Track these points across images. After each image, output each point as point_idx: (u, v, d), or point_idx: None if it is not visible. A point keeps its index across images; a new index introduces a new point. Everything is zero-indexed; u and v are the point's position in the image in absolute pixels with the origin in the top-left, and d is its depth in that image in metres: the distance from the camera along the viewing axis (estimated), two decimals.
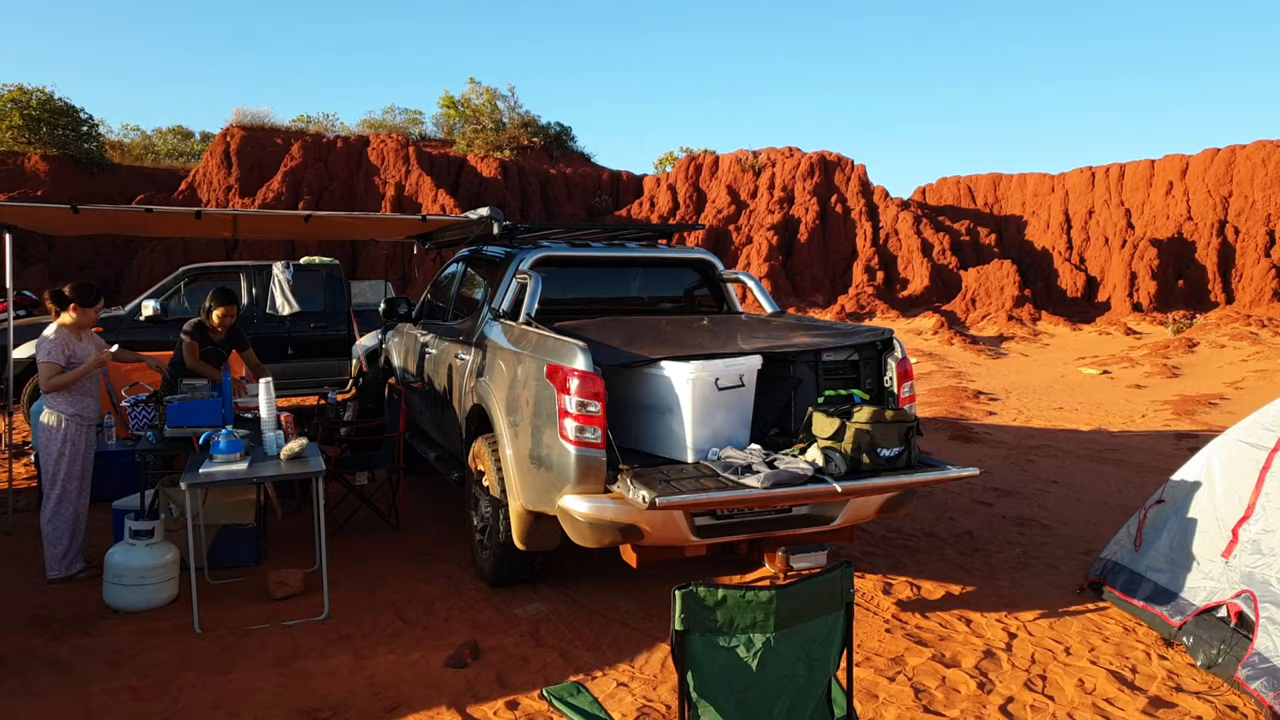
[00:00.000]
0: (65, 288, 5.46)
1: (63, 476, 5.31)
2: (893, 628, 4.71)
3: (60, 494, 5.31)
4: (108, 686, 4.01)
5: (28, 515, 6.62)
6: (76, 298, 5.41)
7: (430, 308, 7.47)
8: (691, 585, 2.34)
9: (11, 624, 4.68)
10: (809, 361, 5.18)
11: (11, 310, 8.14)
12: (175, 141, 36.25)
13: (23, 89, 27.31)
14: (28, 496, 7.04)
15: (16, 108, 26.84)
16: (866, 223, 29.77)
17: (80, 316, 5.43)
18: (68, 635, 4.57)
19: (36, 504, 6.80)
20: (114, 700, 3.89)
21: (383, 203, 27.18)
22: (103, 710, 3.80)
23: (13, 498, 6.85)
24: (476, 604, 5.02)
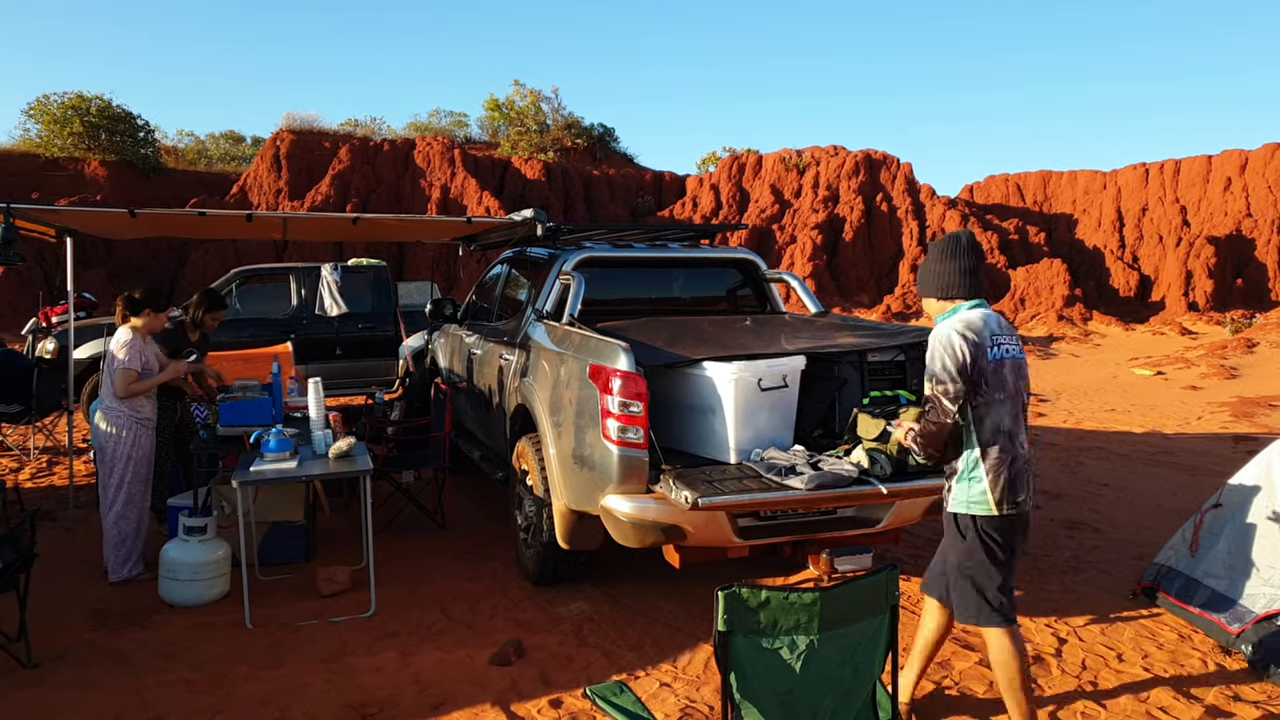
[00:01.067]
0: (137, 292, 5.56)
1: (129, 479, 5.42)
2: None
3: (127, 497, 5.42)
4: (163, 679, 4.11)
5: (87, 512, 6.81)
6: (149, 303, 5.53)
7: (475, 309, 7.54)
8: (734, 586, 2.34)
9: (72, 617, 4.82)
10: (854, 362, 5.13)
11: (72, 312, 8.38)
12: (227, 146, 37.05)
13: (82, 96, 28.08)
14: (87, 493, 7.23)
15: (77, 115, 27.62)
16: (913, 221, 29.42)
17: (151, 321, 5.56)
18: (125, 628, 4.69)
19: (95, 502, 7.00)
20: (169, 692, 3.99)
21: (428, 205, 27.49)
22: (158, 702, 3.90)
23: (73, 495, 7.04)
24: (521, 602, 5.06)
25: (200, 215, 6.67)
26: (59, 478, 7.90)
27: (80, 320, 9.59)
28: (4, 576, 4.14)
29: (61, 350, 9.09)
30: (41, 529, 6.07)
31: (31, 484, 7.72)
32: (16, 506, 6.47)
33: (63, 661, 4.28)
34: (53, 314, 10.68)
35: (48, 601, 4.91)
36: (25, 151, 27.60)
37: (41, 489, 7.55)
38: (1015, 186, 34.10)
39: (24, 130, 28.65)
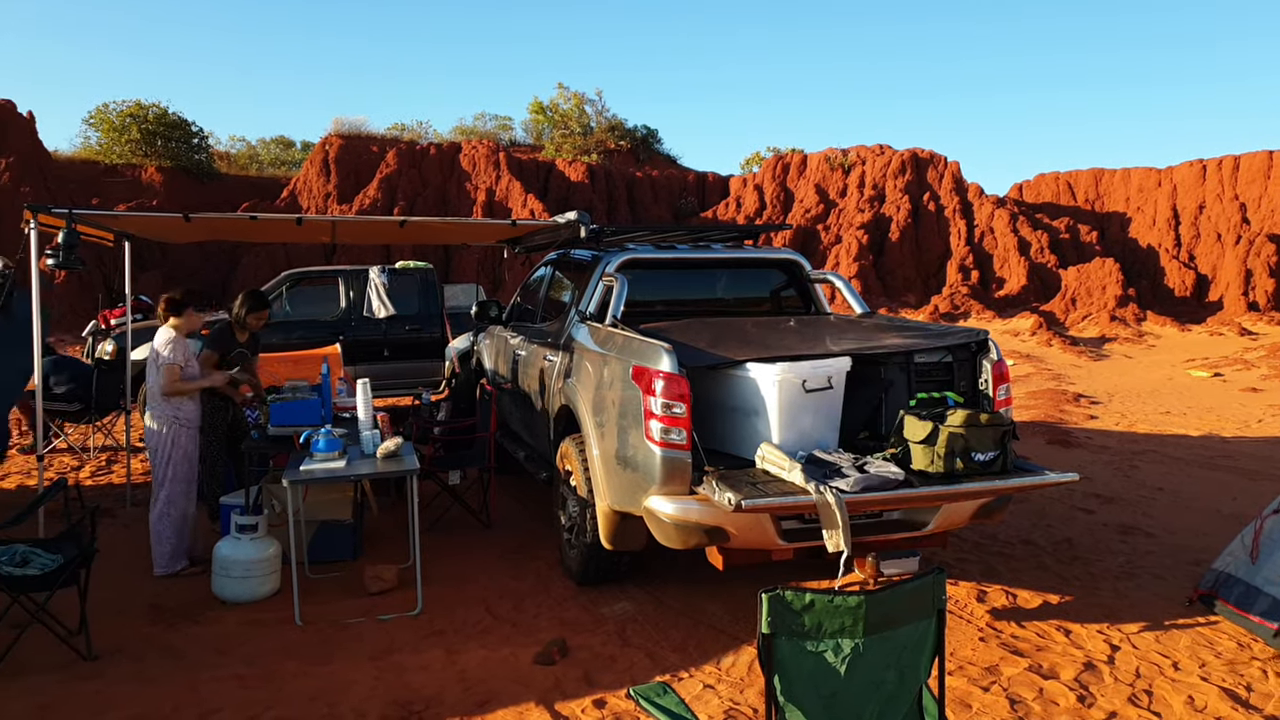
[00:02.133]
0: (177, 293, 5.76)
1: (170, 478, 5.58)
2: (987, 636, 4.58)
3: (168, 495, 5.58)
4: (216, 674, 4.20)
5: (143, 509, 6.97)
6: (189, 303, 5.71)
7: (519, 310, 7.60)
8: (778, 589, 2.32)
9: (130, 611, 4.95)
10: (900, 363, 5.08)
11: (130, 314, 8.60)
12: (277, 151, 37.76)
13: (140, 104, 28.82)
14: (143, 491, 7.41)
15: (135, 122, 28.35)
16: (960, 221, 29.02)
17: (190, 321, 5.71)
18: (180, 623, 4.80)
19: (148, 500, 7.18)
20: (222, 687, 4.07)
21: (474, 208, 27.74)
22: (212, 696, 3.99)
23: (130, 493, 7.22)
24: (564, 602, 5.08)
25: (252, 219, 6.81)
26: (117, 476, 8.11)
27: (137, 322, 9.83)
28: (66, 572, 4.27)
29: (120, 352, 9.33)
30: (101, 526, 6.23)
31: (91, 482, 7.93)
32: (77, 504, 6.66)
33: (121, 655, 4.40)
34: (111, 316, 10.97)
35: (107, 596, 5.04)
36: (86, 159, 28.41)
37: (101, 487, 7.76)
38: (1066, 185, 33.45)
39: (85, 138, 29.53)
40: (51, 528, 5.95)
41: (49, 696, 3.97)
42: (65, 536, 4.65)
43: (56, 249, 5.86)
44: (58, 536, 4.71)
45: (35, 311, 6.28)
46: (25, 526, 5.03)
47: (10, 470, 8.30)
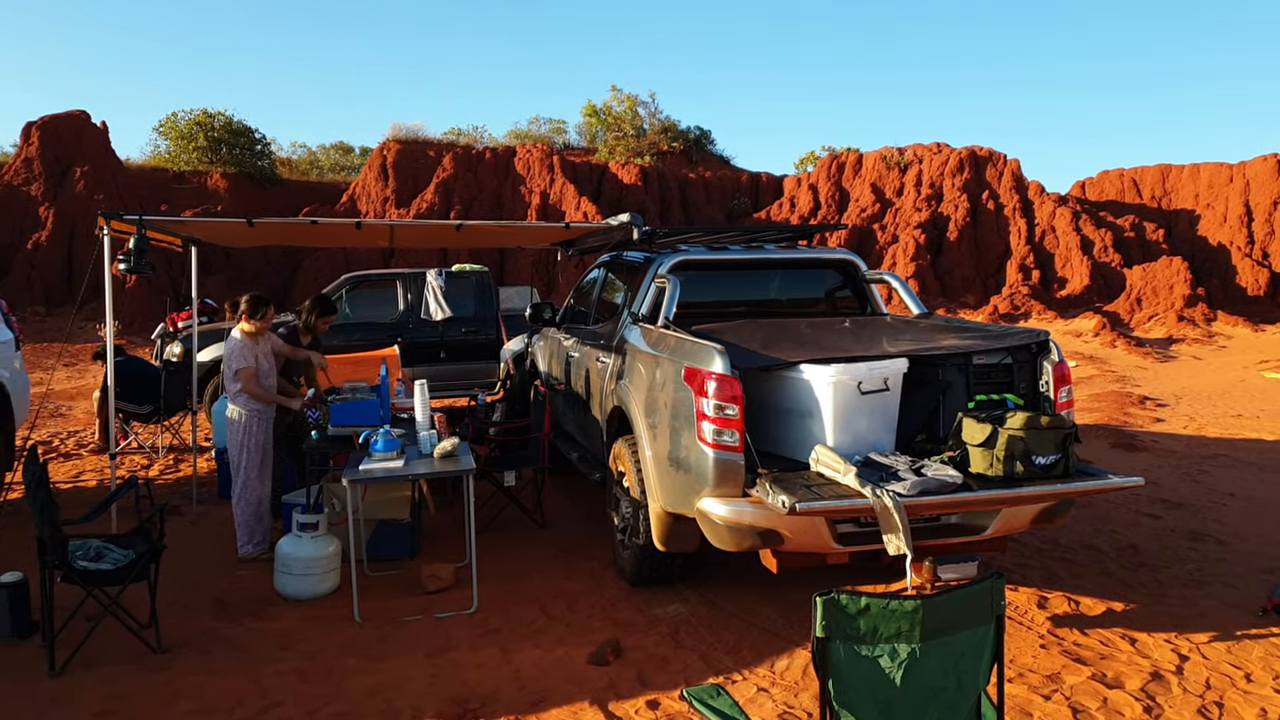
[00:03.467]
0: (243, 299, 5.98)
1: (245, 465, 5.81)
2: (1048, 644, 4.49)
3: (244, 481, 5.82)
4: (278, 668, 4.30)
5: (209, 507, 7.18)
6: (250, 310, 5.92)
7: (573, 312, 7.65)
8: (833, 592, 2.31)
9: (196, 607, 5.09)
10: (958, 365, 5.00)
11: (196, 317, 8.85)
12: (337, 156, 38.51)
13: (207, 113, 29.63)
14: (208, 489, 7.62)
15: (202, 130, 29.15)
16: (1020, 220, 28.43)
17: (261, 324, 5.92)
18: (244, 619, 4.93)
19: (216, 497, 7.38)
20: (284, 681, 4.17)
21: (528, 211, 27.97)
22: (275, 690, 4.08)
23: (196, 490, 7.43)
24: (618, 603, 5.10)
25: (313, 224, 6.97)
26: (184, 474, 8.35)
27: (203, 325, 10.12)
28: (137, 566, 4.41)
29: (187, 354, 9.61)
30: (169, 522, 6.43)
31: (160, 480, 8.17)
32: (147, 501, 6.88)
33: (189, 648, 4.53)
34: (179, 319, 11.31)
35: (175, 591, 5.20)
36: (155, 167, 29.30)
37: (169, 484, 7.99)
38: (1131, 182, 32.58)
39: (155, 147, 30.45)
40: (123, 524, 6.16)
41: (122, 686, 4.11)
42: (136, 532, 4.80)
43: (128, 254, 6.06)
44: (129, 532, 4.87)
45: (108, 315, 6.49)
46: (99, 522, 5.21)
47: (85, 469, 8.59)
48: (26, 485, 4.33)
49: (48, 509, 4.25)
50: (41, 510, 4.21)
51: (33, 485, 4.31)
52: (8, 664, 4.34)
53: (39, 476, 4.36)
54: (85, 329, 20.83)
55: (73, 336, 20.17)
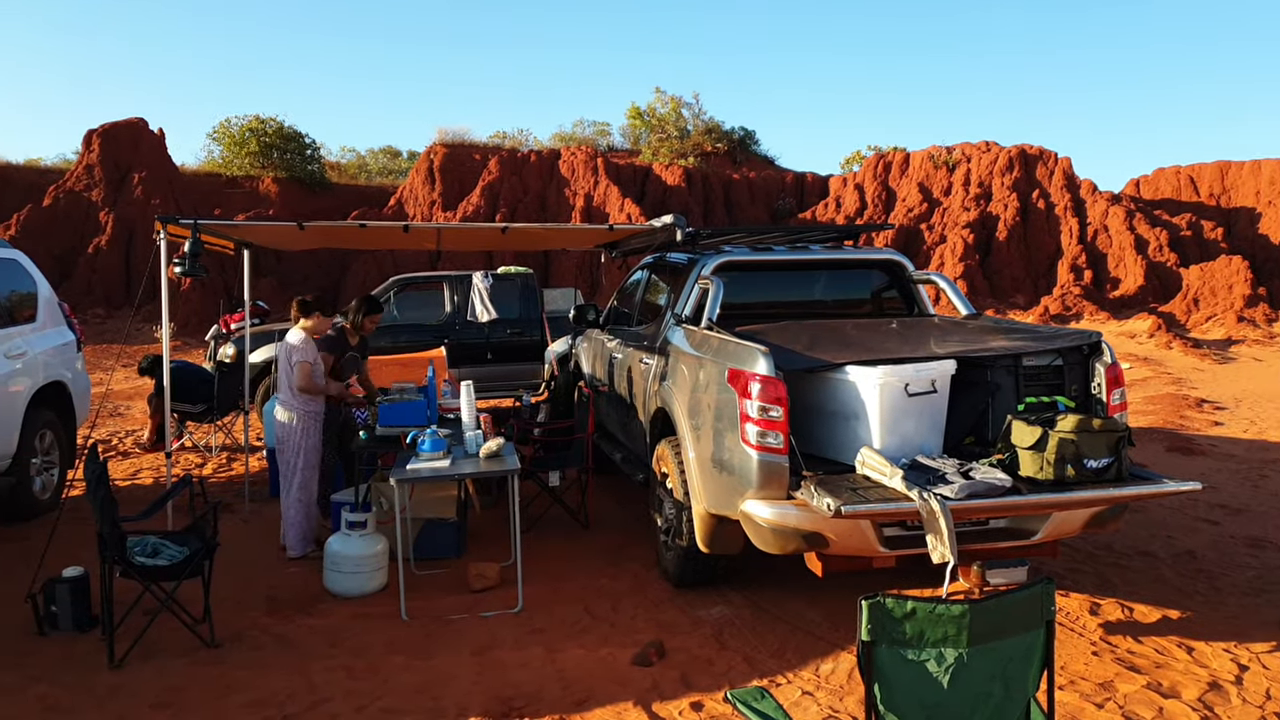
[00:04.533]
0: (308, 296, 6.15)
1: (301, 465, 5.91)
2: (1100, 651, 4.39)
3: (300, 482, 5.92)
4: (327, 664, 4.37)
5: (260, 505, 7.32)
6: (318, 307, 6.09)
7: (616, 314, 7.67)
8: (879, 596, 2.29)
9: (247, 603, 5.20)
10: (1008, 366, 4.92)
11: (248, 319, 9.04)
12: (385, 160, 39.05)
13: (259, 119, 30.23)
14: (259, 488, 7.77)
15: (254, 136, 29.75)
16: (1072, 219, 27.89)
17: (318, 323, 6.06)
18: (294, 615, 5.02)
19: (268, 495, 7.52)
20: (332, 677, 4.24)
21: (572, 213, 28.10)
22: (324, 685, 4.15)
23: (248, 489, 7.58)
24: (661, 604, 5.10)
25: (361, 227, 7.08)
26: (237, 473, 8.52)
27: (254, 326, 10.33)
28: (192, 562, 4.52)
29: (239, 355, 9.81)
30: (221, 520, 6.57)
31: (213, 479, 8.35)
32: (201, 499, 7.05)
33: (240, 643, 4.62)
34: (232, 320, 11.56)
35: (227, 587, 5.31)
36: (209, 172, 29.97)
37: (222, 483, 8.17)
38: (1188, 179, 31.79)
39: (208, 152, 31.16)
40: (178, 521, 6.31)
41: (177, 679, 4.21)
42: (191, 529, 4.92)
43: (183, 257, 6.21)
44: (184, 529, 4.99)
45: (164, 317, 6.66)
46: (155, 519, 5.34)
47: (142, 467, 8.82)
48: (87, 482, 4.46)
49: (108, 506, 4.38)
50: (102, 507, 4.33)
51: (93, 483, 4.44)
52: (69, 656, 4.48)
53: (99, 474, 4.48)
54: (143, 330, 21.37)
55: (131, 338, 20.71)
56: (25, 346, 6.79)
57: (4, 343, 6.52)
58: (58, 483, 7.30)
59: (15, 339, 6.69)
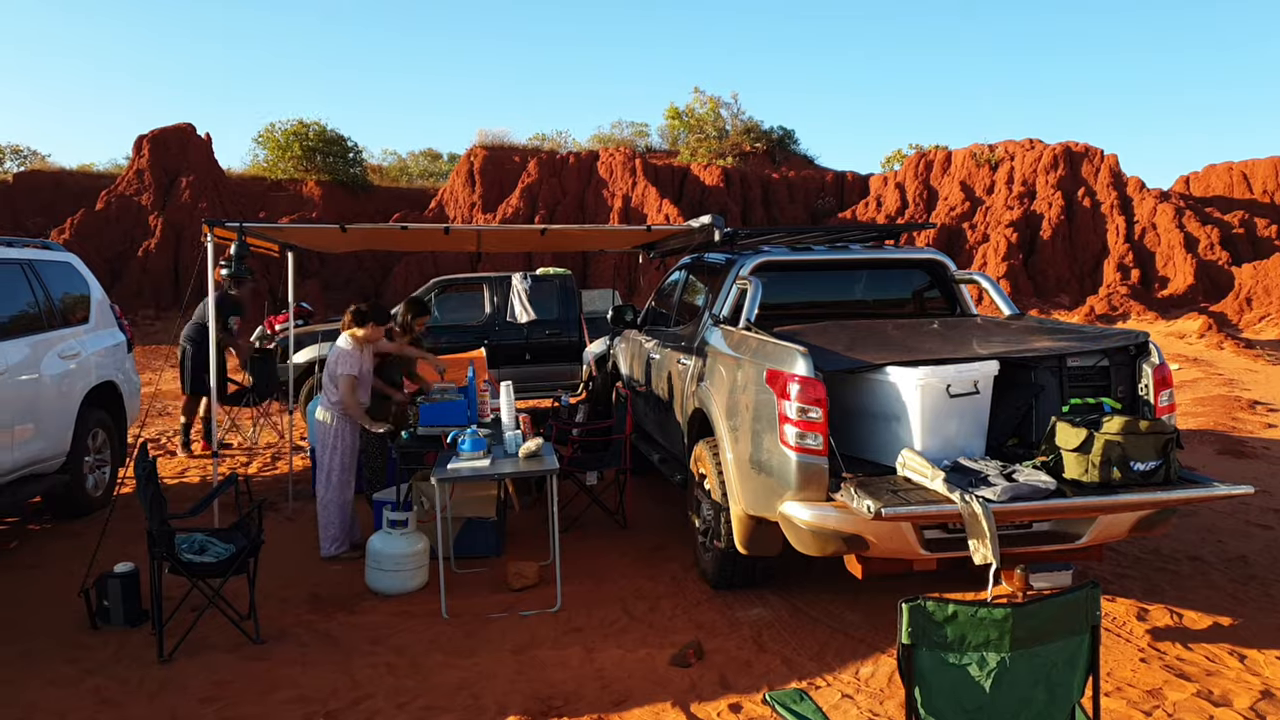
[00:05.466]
0: (364, 305, 6.16)
1: (337, 466, 5.96)
2: (1148, 657, 4.31)
3: (337, 482, 5.98)
4: (369, 661, 4.43)
5: (304, 503, 7.43)
6: (374, 316, 6.08)
7: (654, 314, 7.67)
8: (919, 598, 2.27)
9: (293, 600, 5.28)
10: (1052, 367, 4.85)
11: (292, 320, 9.18)
12: (426, 163, 39.46)
13: (302, 123, 30.72)
14: (302, 486, 7.89)
15: (297, 140, 30.24)
16: (1119, 217, 27.37)
17: (372, 332, 6.09)
18: (336, 613, 5.09)
19: (310, 494, 7.64)
20: (374, 673, 4.29)
21: (610, 214, 28.17)
22: (366, 682, 4.21)
23: (292, 487, 7.70)
24: (699, 605, 5.09)
25: (402, 229, 7.16)
26: (281, 472, 8.66)
27: (298, 328, 10.48)
28: (238, 560, 4.60)
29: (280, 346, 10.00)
30: (266, 518, 6.69)
31: (258, 478, 8.50)
32: (246, 497, 7.18)
33: (285, 639, 4.70)
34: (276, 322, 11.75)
35: (272, 584, 5.40)
36: (254, 175, 30.51)
37: (266, 482, 8.31)
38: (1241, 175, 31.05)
39: (253, 156, 31.74)
40: (224, 519, 6.43)
41: (224, 674, 4.29)
42: (236, 527, 5.01)
43: (229, 260, 6.33)
44: (230, 527, 5.09)
45: (211, 318, 6.79)
46: (202, 517, 5.45)
47: (190, 465, 8.99)
48: (137, 480, 4.56)
49: (157, 503, 4.47)
50: (151, 504, 4.42)
51: (143, 480, 4.54)
52: (121, 649, 4.58)
53: (149, 472, 4.58)
54: None
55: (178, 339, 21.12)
56: (79, 347, 6.96)
57: (58, 343, 6.70)
58: (109, 480, 7.48)
59: (69, 340, 6.87)
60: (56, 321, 6.80)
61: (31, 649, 4.60)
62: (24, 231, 24.48)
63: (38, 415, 6.26)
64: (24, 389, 6.12)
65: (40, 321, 6.58)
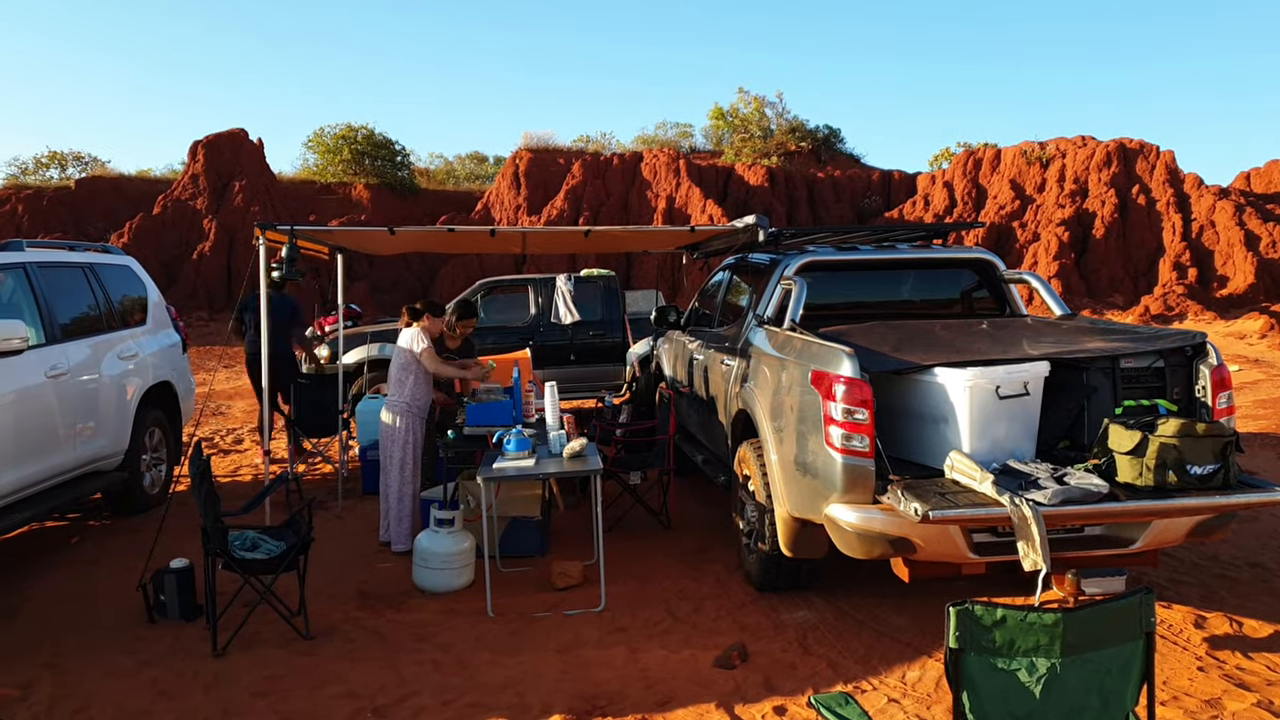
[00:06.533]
0: (417, 305, 6.34)
1: (402, 461, 6.08)
2: (1206, 666, 4.20)
3: (404, 477, 6.11)
4: (416, 658, 4.49)
5: (354, 502, 7.54)
6: (428, 310, 6.29)
7: (698, 315, 7.66)
8: (967, 602, 2.24)
9: (340, 597, 5.37)
10: (1104, 368, 4.75)
11: (341, 321, 9.32)
12: (472, 166, 39.83)
13: (351, 127, 31.20)
14: (351, 484, 8.01)
15: (347, 144, 30.72)
16: (1175, 214, 26.71)
17: (430, 325, 6.25)
18: (384, 610, 5.16)
19: (360, 493, 7.75)
20: (421, 670, 4.35)
21: (654, 215, 28.19)
22: (413, 679, 4.26)
23: (341, 486, 7.82)
24: (744, 606, 5.08)
25: (449, 231, 7.25)
26: (330, 471, 8.79)
27: (347, 329, 10.64)
28: (288, 557, 4.69)
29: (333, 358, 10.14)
30: (316, 516, 6.80)
31: (308, 476, 8.64)
32: (297, 496, 7.31)
33: (333, 636, 4.78)
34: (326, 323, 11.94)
35: (321, 581, 5.50)
36: (304, 179, 31.05)
37: (316, 480, 8.45)
38: None
39: (304, 160, 32.32)
40: (275, 517, 6.56)
41: (275, 669, 4.37)
42: (287, 525, 5.11)
43: (280, 262, 6.46)
44: (281, 525, 5.19)
45: (262, 319, 6.92)
46: (254, 514, 5.56)
47: (242, 464, 9.18)
48: (192, 478, 4.67)
49: (211, 501, 4.58)
50: (206, 502, 4.53)
51: (198, 479, 4.65)
52: (176, 643, 4.70)
53: (203, 471, 4.69)
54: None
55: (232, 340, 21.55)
56: (137, 348, 7.15)
57: (118, 344, 6.89)
58: (165, 478, 7.67)
59: (128, 341, 7.05)
60: (116, 323, 6.98)
61: (91, 640, 4.74)
62: (85, 235, 25.20)
63: (98, 414, 6.44)
64: (85, 389, 6.30)
65: (100, 323, 6.77)
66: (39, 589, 5.55)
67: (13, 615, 5.13)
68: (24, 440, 5.57)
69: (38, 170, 30.95)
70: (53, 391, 5.91)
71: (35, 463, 5.70)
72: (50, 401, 5.88)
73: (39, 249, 6.51)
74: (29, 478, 5.65)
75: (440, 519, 5.51)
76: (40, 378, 5.81)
